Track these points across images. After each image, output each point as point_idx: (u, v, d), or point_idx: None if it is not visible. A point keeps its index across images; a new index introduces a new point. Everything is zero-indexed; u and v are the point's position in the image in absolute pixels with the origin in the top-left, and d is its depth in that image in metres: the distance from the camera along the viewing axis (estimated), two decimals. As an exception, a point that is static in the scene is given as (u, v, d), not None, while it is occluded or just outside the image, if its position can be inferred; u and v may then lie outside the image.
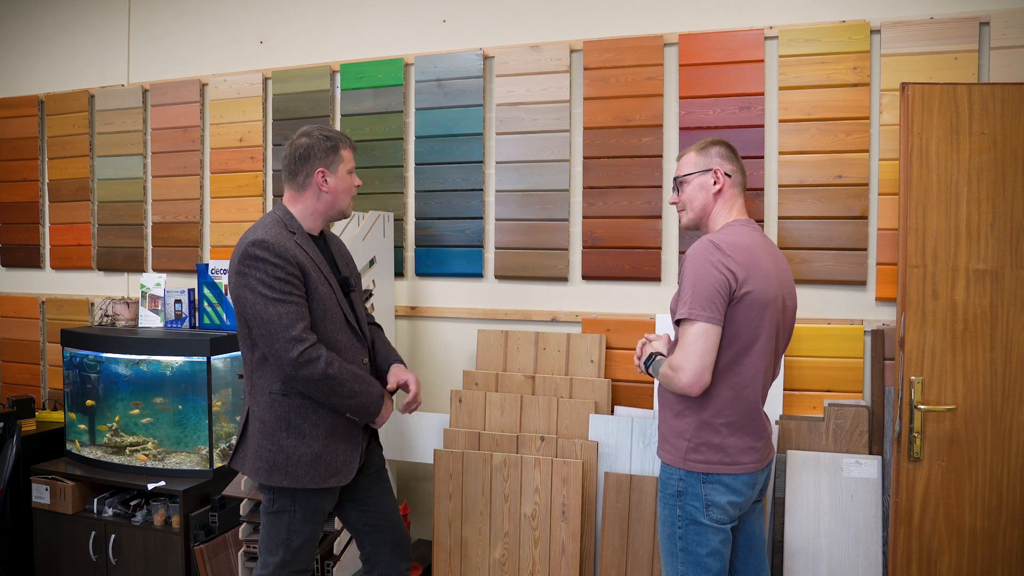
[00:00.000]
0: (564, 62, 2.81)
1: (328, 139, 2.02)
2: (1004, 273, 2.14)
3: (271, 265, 1.87)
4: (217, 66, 3.38)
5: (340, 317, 2.01)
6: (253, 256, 1.88)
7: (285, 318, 1.86)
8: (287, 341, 1.86)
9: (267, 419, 1.96)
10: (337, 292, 2.02)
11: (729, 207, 1.95)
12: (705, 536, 1.82)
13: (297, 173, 2.01)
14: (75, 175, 3.62)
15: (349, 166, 2.06)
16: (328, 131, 2.05)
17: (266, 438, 1.96)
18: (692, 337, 1.76)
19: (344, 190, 2.05)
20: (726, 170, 1.95)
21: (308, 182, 2.01)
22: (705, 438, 1.82)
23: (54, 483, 2.99)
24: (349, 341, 2.03)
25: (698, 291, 1.76)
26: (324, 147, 2.00)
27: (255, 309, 1.88)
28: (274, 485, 1.95)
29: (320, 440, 1.96)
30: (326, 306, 1.97)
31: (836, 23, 2.50)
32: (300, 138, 2.02)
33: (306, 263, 1.94)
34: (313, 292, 1.94)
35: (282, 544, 2.00)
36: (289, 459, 1.94)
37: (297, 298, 1.90)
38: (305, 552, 2.04)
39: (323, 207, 2.04)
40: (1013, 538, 2.16)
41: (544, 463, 2.56)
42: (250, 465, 1.99)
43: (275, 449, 1.94)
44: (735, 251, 1.79)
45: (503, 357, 2.84)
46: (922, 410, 2.17)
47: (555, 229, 2.83)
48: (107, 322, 3.37)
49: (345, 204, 2.07)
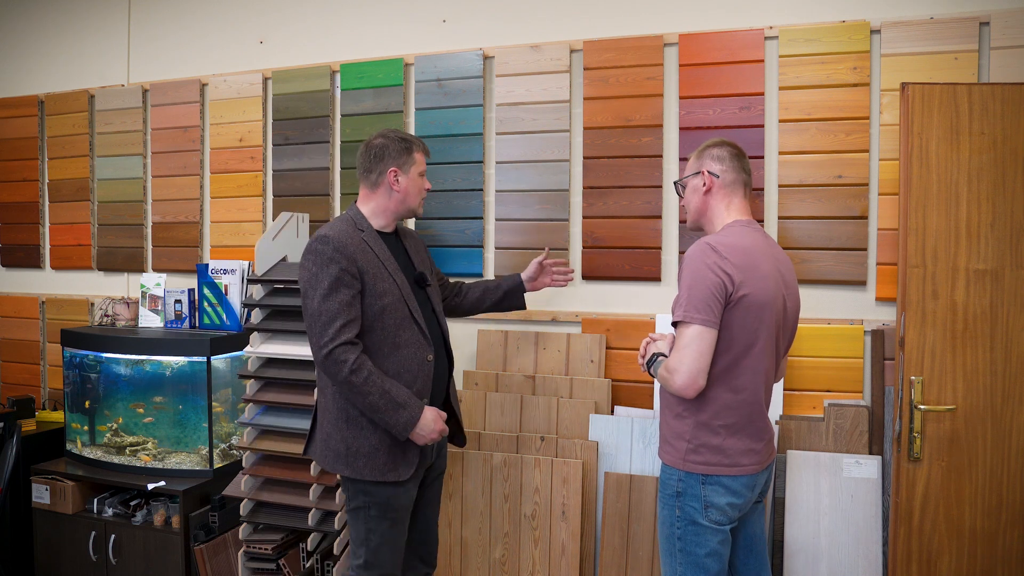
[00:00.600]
0: (564, 62, 2.81)
1: (403, 141, 2.12)
2: (1004, 273, 2.14)
3: (326, 260, 1.96)
4: (217, 66, 3.38)
5: (404, 313, 2.05)
6: (312, 250, 1.99)
7: (326, 314, 1.93)
8: (320, 335, 1.94)
9: (331, 410, 2.06)
10: (404, 288, 2.07)
11: (725, 207, 1.96)
12: (704, 537, 1.82)
13: (371, 171, 2.11)
14: (75, 175, 3.62)
15: (421, 168, 2.15)
16: (404, 134, 2.15)
17: (331, 428, 2.05)
18: (687, 340, 1.76)
19: (415, 191, 2.14)
20: (713, 170, 1.96)
21: (381, 180, 2.10)
22: (704, 439, 1.82)
23: (54, 483, 2.99)
24: (412, 337, 2.06)
25: (694, 294, 1.76)
26: (398, 148, 2.10)
27: (306, 301, 1.98)
28: (340, 474, 2.06)
29: (377, 434, 2.02)
30: (385, 301, 2.01)
31: (836, 23, 2.50)
32: (376, 139, 2.13)
33: (367, 261, 2.01)
34: (372, 288, 2.00)
35: (362, 544, 2.06)
36: (349, 449, 2.02)
37: (346, 295, 1.96)
38: (385, 553, 2.06)
39: (394, 205, 2.12)
40: (1013, 538, 2.16)
41: (544, 463, 2.56)
42: (319, 454, 2.10)
43: (338, 439, 2.04)
44: (732, 253, 1.79)
45: (503, 357, 2.84)
46: (922, 410, 2.17)
47: (555, 229, 2.83)
48: (107, 322, 3.37)
49: (415, 203, 2.16)
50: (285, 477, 2.56)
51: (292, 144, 3.20)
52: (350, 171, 3.11)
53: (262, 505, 2.62)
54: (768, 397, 1.92)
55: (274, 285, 2.66)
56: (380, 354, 2.02)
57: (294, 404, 2.56)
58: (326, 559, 2.61)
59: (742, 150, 1.99)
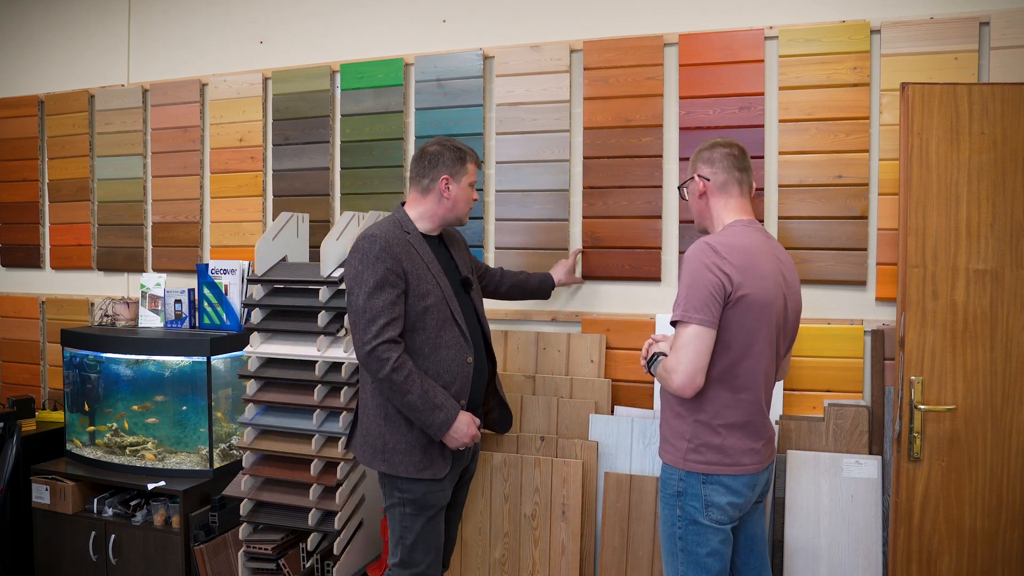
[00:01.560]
0: (564, 62, 2.81)
1: (458, 151, 2.16)
2: (1004, 273, 2.14)
3: (373, 258, 1.99)
4: (217, 66, 3.38)
5: (446, 315, 2.09)
6: (359, 248, 2.02)
7: (370, 311, 1.97)
8: (363, 332, 1.97)
9: (370, 406, 2.11)
10: (447, 290, 2.10)
11: (723, 207, 1.96)
12: (705, 536, 1.83)
13: (424, 176, 2.15)
14: (75, 175, 3.62)
15: (471, 179, 2.19)
16: (459, 143, 2.19)
17: (370, 424, 2.10)
18: (685, 339, 1.76)
19: (464, 200, 2.18)
20: (703, 174, 1.98)
21: (432, 186, 2.14)
22: (705, 439, 1.82)
23: (54, 483, 2.99)
24: (454, 339, 2.10)
25: (692, 293, 1.77)
26: (452, 157, 2.15)
27: (351, 297, 2.01)
28: (377, 470, 2.09)
29: (414, 432, 2.06)
30: (428, 302, 2.05)
31: (836, 23, 2.50)
32: (432, 146, 2.17)
33: (412, 262, 2.04)
34: (415, 288, 2.03)
35: (398, 543, 2.09)
36: (386, 446, 2.07)
37: (390, 294, 1.99)
38: (420, 552, 2.09)
39: (443, 211, 2.16)
40: (1013, 538, 2.16)
41: (544, 463, 2.56)
42: (359, 449, 2.15)
43: (376, 435, 2.08)
44: (731, 253, 1.79)
45: (503, 357, 2.84)
46: (922, 410, 2.17)
47: (555, 229, 2.83)
48: (107, 322, 3.37)
49: (463, 212, 2.20)
50: (285, 477, 2.56)
51: (292, 144, 3.20)
52: (350, 171, 3.11)
53: (262, 505, 2.62)
54: (768, 397, 1.92)
55: (274, 285, 2.66)
56: (421, 354, 2.06)
57: (294, 404, 2.56)
58: (326, 559, 2.61)
59: (740, 148, 1.99)
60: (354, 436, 2.21)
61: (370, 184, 3.07)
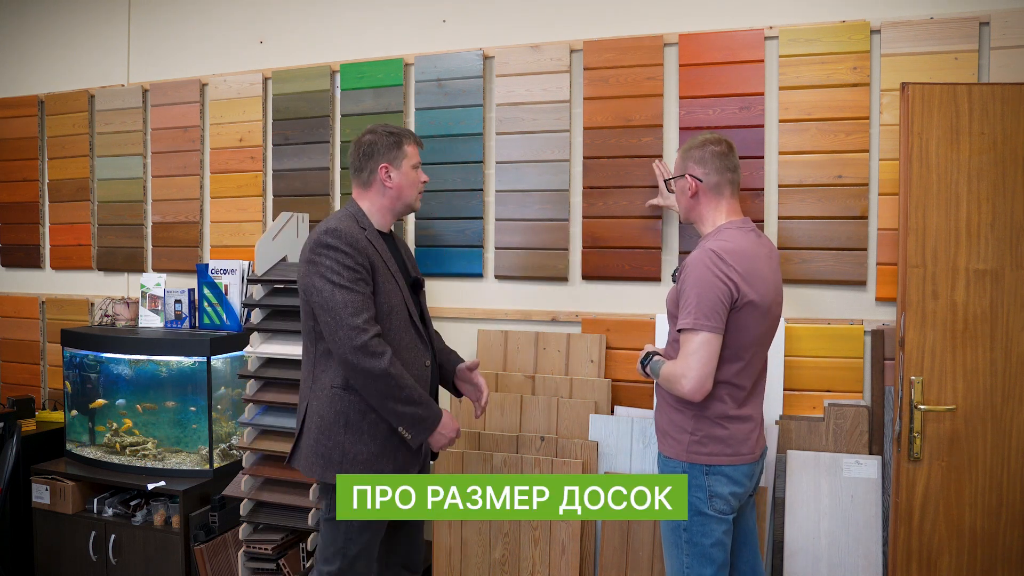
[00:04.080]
0: (564, 62, 2.81)
1: (392, 135, 2.06)
2: (1004, 273, 2.14)
3: (342, 253, 1.89)
4: (217, 66, 3.38)
5: (406, 316, 2.01)
6: (325, 244, 1.90)
7: (351, 306, 1.86)
8: (351, 329, 1.85)
9: (326, 414, 1.94)
10: (404, 291, 2.03)
11: (714, 207, 1.99)
12: (709, 527, 1.87)
13: (362, 169, 2.06)
14: (75, 175, 3.62)
15: (413, 161, 2.09)
16: (392, 128, 2.09)
17: (323, 433, 1.94)
18: (695, 346, 1.81)
19: (409, 184, 2.08)
20: (696, 174, 1.99)
21: (372, 178, 2.05)
22: (708, 431, 1.88)
23: (54, 483, 2.99)
24: (412, 341, 2.02)
25: (702, 301, 1.81)
26: (387, 143, 2.04)
27: (322, 296, 1.88)
28: (329, 482, 1.93)
29: (379, 440, 1.94)
30: (392, 302, 1.97)
31: (836, 23, 2.50)
32: (365, 135, 2.07)
33: (375, 258, 1.96)
34: (380, 287, 1.95)
35: (339, 553, 1.96)
36: (345, 456, 1.92)
37: (364, 288, 1.90)
38: (362, 563, 1.99)
39: (389, 202, 2.07)
40: (1013, 538, 2.16)
41: (544, 463, 2.56)
42: (305, 461, 1.98)
43: (332, 445, 1.93)
44: (737, 260, 1.84)
45: (503, 357, 2.84)
46: (922, 410, 2.17)
47: (555, 229, 2.83)
48: (107, 322, 3.37)
49: (412, 198, 2.10)
50: (285, 477, 2.56)
51: (292, 144, 3.20)
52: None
53: (262, 505, 2.62)
54: (762, 389, 2.00)
55: (274, 285, 2.66)
56: None
57: (294, 404, 2.56)
58: (326, 559, 2.61)
59: (729, 144, 2.00)
60: (297, 449, 2.02)
61: (370, 184, 3.07)
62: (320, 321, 1.91)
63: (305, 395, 2.01)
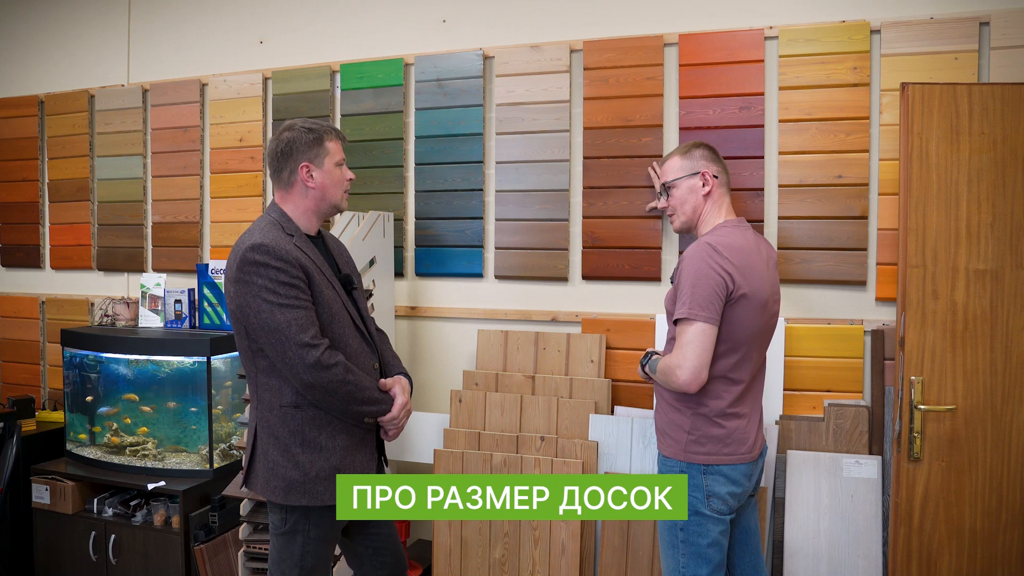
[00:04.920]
0: (564, 62, 2.81)
1: (311, 131, 1.90)
2: (1004, 273, 2.14)
3: (274, 269, 1.76)
4: (217, 66, 3.38)
5: (348, 320, 1.91)
6: (253, 262, 1.76)
7: (295, 324, 1.75)
8: (300, 347, 1.75)
9: (280, 434, 1.84)
10: (341, 294, 1.92)
11: (718, 207, 2.03)
12: (706, 527, 1.87)
13: (281, 170, 1.90)
14: (75, 175, 3.62)
15: (337, 158, 1.94)
16: (312, 123, 1.93)
17: (281, 455, 1.84)
18: (690, 336, 1.81)
19: (333, 184, 1.93)
20: (713, 171, 2.02)
21: (293, 179, 1.90)
22: (705, 430, 1.88)
23: (54, 483, 2.99)
24: (359, 345, 1.93)
25: (697, 292, 1.81)
26: (307, 140, 1.89)
27: (261, 318, 1.76)
28: (294, 504, 1.83)
29: (338, 453, 1.86)
30: (333, 310, 1.87)
31: (836, 23, 2.50)
32: (283, 132, 1.91)
33: (309, 266, 1.83)
34: (319, 296, 1.84)
35: (296, 565, 1.89)
36: (307, 476, 1.83)
37: (305, 302, 1.79)
38: (319, 574, 1.93)
39: (312, 204, 1.92)
40: (1013, 538, 2.16)
41: (544, 463, 2.56)
42: (263, 485, 1.87)
43: (291, 466, 1.83)
44: (732, 253, 1.86)
45: (503, 357, 2.84)
46: (922, 410, 2.17)
47: (555, 229, 2.83)
48: (107, 322, 3.37)
49: (337, 198, 1.95)
50: (285, 477, 2.55)
51: (292, 144, 3.19)
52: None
53: (262, 505, 2.62)
54: (761, 388, 2.00)
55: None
56: None
57: (294, 404, 2.55)
58: (326, 559, 2.61)
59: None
60: (253, 473, 1.90)
61: (370, 184, 3.07)
62: (263, 343, 1.80)
63: (253, 415, 1.92)
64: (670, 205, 2.09)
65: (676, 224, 2.10)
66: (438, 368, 3.02)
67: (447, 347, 3.01)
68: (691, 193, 2.03)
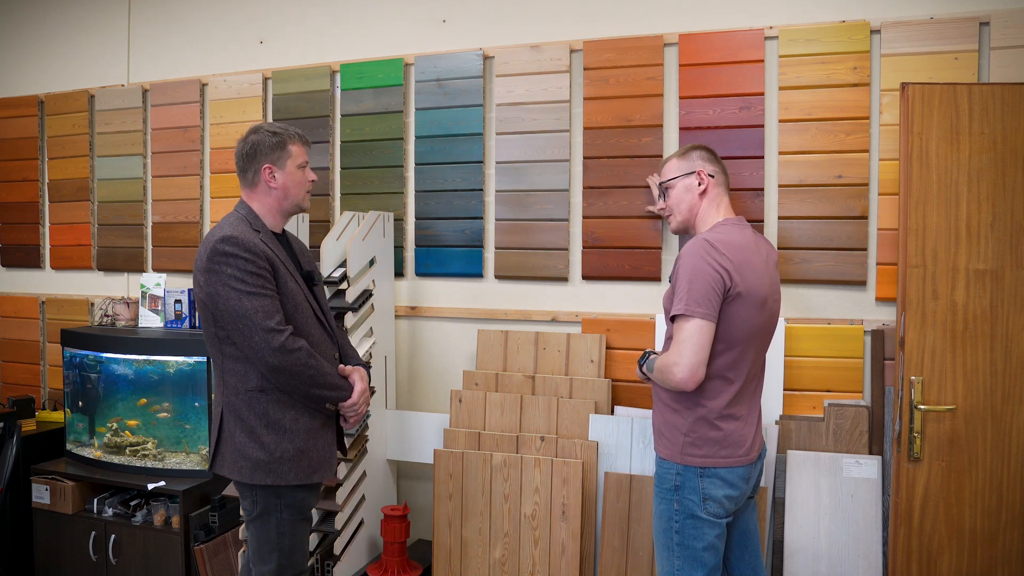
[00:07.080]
0: (564, 62, 2.81)
1: (275, 135, 2.03)
2: (1004, 273, 2.14)
3: (242, 260, 1.88)
4: (217, 66, 3.38)
5: (310, 311, 2.02)
6: (223, 252, 1.89)
7: (262, 310, 1.87)
8: (267, 332, 1.86)
9: (246, 417, 1.94)
10: (304, 288, 2.04)
11: (716, 206, 2.02)
12: (702, 530, 1.86)
13: (246, 170, 2.04)
14: (75, 175, 3.62)
15: (299, 161, 2.06)
16: (277, 127, 2.05)
17: (246, 436, 1.93)
18: (687, 333, 1.80)
19: (295, 184, 2.05)
20: (709, 171, 2.02)
21: (256, 179, 2.03)
22: (702, 432, 1.86)
23: (54, 483, 2.99)
24: (320, 336, 2.04)
25: (694, 288, 1.80)
26: (270, 143, 2.01)
27: (229, 304, 1.87)
28: (257, 483, 1.93)
29: (302, 436, 1.96)
30: (296, 300, 1.98)
31: (836, 23, 2.50)
32: (249, 135, 2.04)
33: (274, 259, 1.95)
34: (283, 287, 1.95)
35: (274, 548, 1.97)
36: (271, 456, 1.92)
37: (271, 291, 1.91)
38: (298, 554, 2.02)
39: (275, 203, 2.05)
40: (1013, 538, 2.16)
41: (544, 463, 2.56)
42: (230, 465, 1.96)
43: (256, 447, 1.92)
44: (729, 250, 1.84)
45: (503, 357, 2.84)
46: (922, 410, 2.17)
47: (555, 229, 2.83)
48: (107, 322, 3.37)
49: (299, 198, 2.07)
50: (285, 477, 2.55)
51: (292, 144, 3.20)
52: (350, 171, 3.11)
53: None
54: (760, 388, 1.98)
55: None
56: None
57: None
58: (326, 559, 2.61)
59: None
60: (219, 455, 1.99)
61: (370, 184, 3.07)
62: (230, 329, 1.90)
63: (219, 400, 2.01)
64: (667, 205, 2.09)
65: (673, 224, 2.09)
66: (438, 368, 3.02)
67: (447, 347, 3.01)
68: (687, 192, 2.03)
